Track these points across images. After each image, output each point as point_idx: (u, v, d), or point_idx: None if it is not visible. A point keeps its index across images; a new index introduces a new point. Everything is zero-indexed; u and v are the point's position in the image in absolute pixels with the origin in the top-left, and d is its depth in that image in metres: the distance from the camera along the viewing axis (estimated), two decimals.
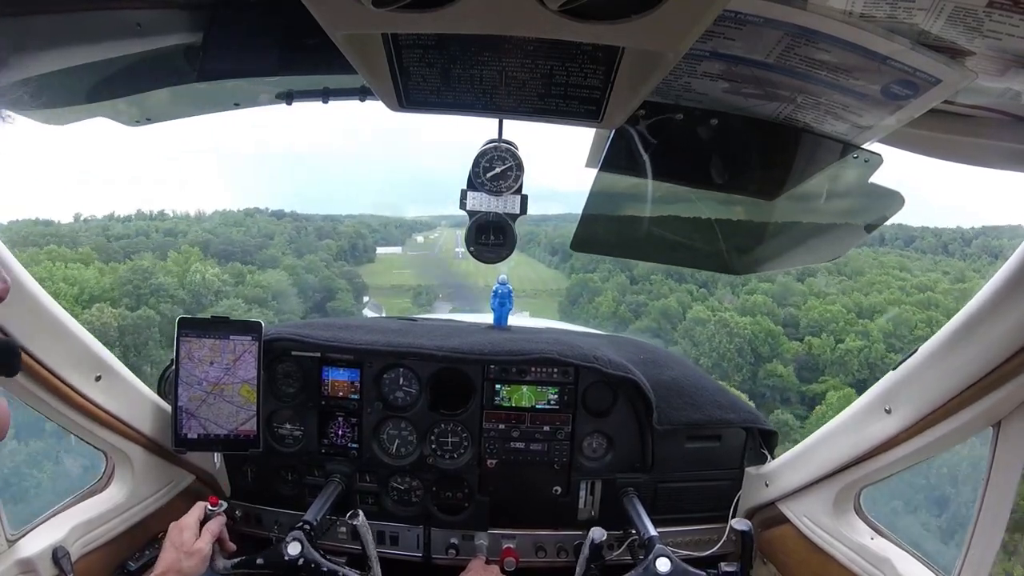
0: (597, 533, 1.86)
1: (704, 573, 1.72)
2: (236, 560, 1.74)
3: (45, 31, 1.02)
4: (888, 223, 1.40)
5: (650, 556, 1.71)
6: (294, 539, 1.71)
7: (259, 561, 1.72)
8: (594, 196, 1.45)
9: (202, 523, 1.71)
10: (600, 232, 1.61)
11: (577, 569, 1.91)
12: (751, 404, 2.49)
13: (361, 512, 1.86)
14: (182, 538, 1.62)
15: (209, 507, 1.74)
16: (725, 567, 1.79)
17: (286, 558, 1.69)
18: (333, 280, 53.50)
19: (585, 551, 1.87)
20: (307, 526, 1.77)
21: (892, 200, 1.37)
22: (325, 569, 1.70)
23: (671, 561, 1.69)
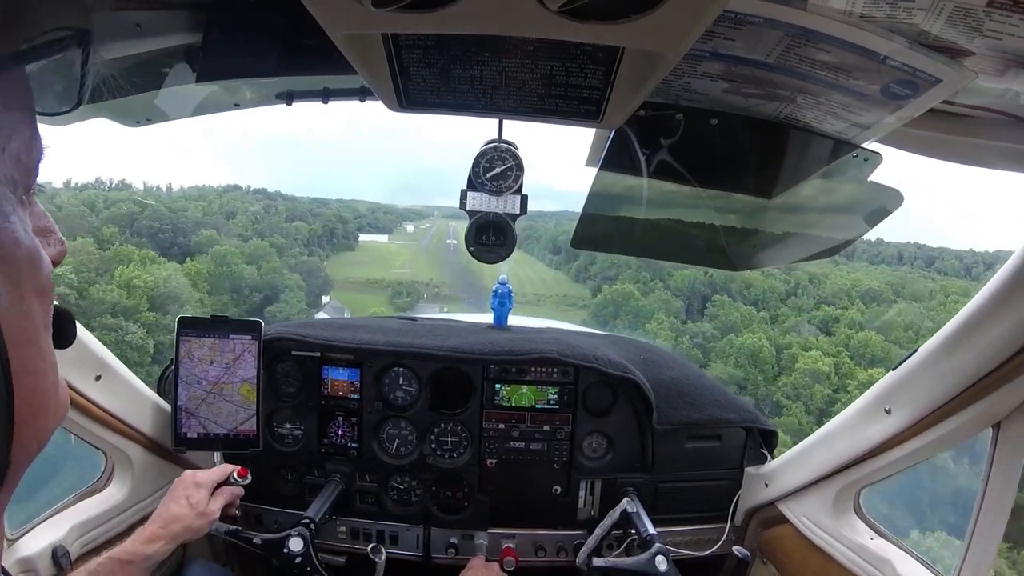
0: (629, 503, 1.95)
1: None
2: (233, 528, 1.72)
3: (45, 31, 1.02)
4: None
5: (649, 551, 1.72)
6: (298, 535, 1.71)
7: (256, 540, 1.70)
8: (594, 195, 1.45)
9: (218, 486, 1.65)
10: (600, 229, 1.61)
11: (598, 531, 1.99)
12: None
13: (384, 551, 1.83)
14: (198, 495, 1.55)
15: (236, 476, 1.68)
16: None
17: (285, 551, 1.68)
18: (280, 275, 43.80)
19: (615, 515, 1.95)
20: (312, 524, 1.78)
21: (891, 198, 1.38)
22: (324, 565, 1.70)
23: (668, 560, 1.70)
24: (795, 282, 44.99)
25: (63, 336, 0.56)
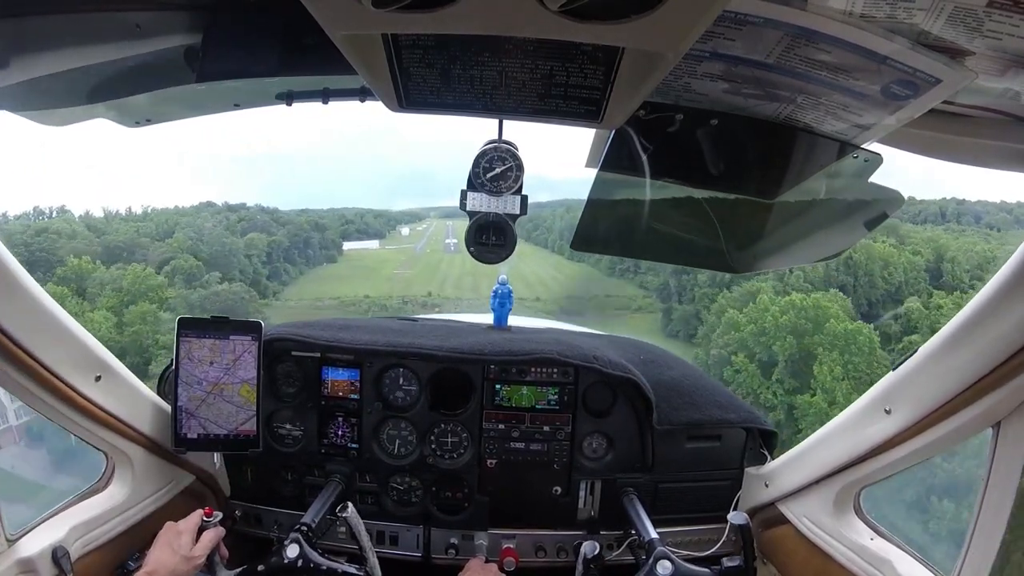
0: (589, 548, 1.83)
1: (707, 570, 1.71)
2: (239, 569, 1.74)
3: (45, 32, 1.03)
4: None
5: (651, 559, 1.71)
6: (292, 541, 1.71)
7: (260, 568, 1.71)
8: (594, 196, 1.45)
9: (199, 530, 1.70)
10: (601, 231, 1.61)
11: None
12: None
13: (351, 504, 1.84)
14: (180, 541, 1.62)
15: (204, 518, 1.72)
16: (728, 562, 1.79)
17: (285, 561, 1.68)
18: (140, 333, 29.82)
19: (579, 567, 1.84)
20: (305, 528, 1.77)
21: (891, 199, 1.38)
22: (324, 568, 1.70)
23: (672, 563, 1.69)
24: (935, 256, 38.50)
25: None
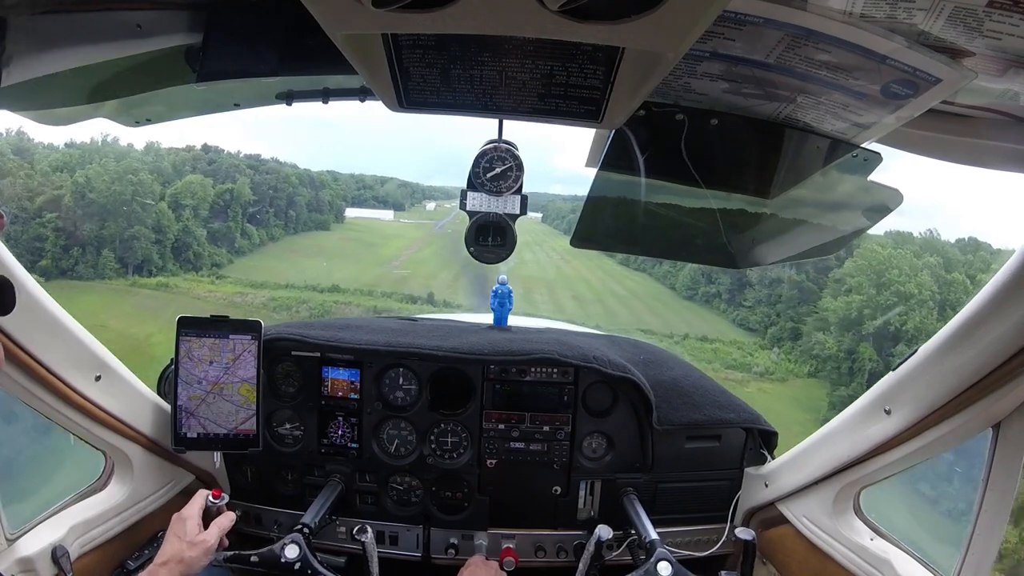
0: (604, 531, 1.84)
1: None
2: (230, 553, 1.72)
3: (45, 32, 1.03)
4: None
5: (651, 560, 1.71)
6: (292, 542, 1.71)
7: (253, 559, 1.70)
8: (595, 193, 1.45)
9: (204, 514, 1.68)
10: (601, 228, 1.61)
11: (580, 565, 1.90)
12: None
13: (369, 529, 1.82)
14: (185, 528, 1.60)
15: (211, 499, 1.70)
16: (725, 575, 1.80)
17: (283, 560, 1.68)
18: None
19: (590, 547, 1.85)
20: (305, 529, 1.77)
21: (890, 197, 1.38)
22: (322, 573, 1.70)
23: (672, 565, 1.69)
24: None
25: (3, 303, 0.55)
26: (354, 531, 1.85)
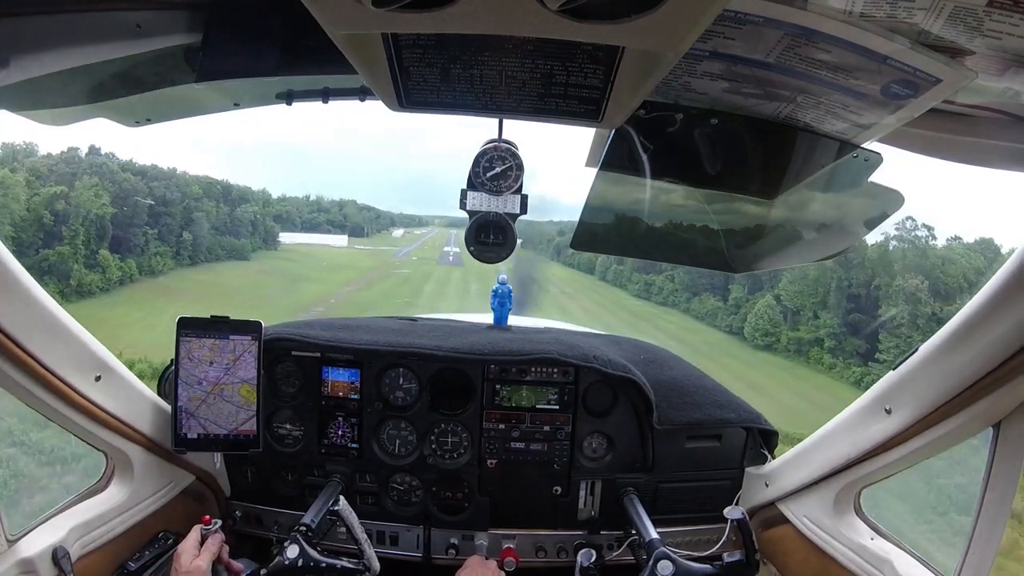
0: (584, 556, 1.84)
1: (709, 567, 1.71)
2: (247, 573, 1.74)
3: (45, 32, 1.02)
4: None
5: (652, 559, 1.71)
6: (292, 542, 1.71)
7: (263, 573, 1.71)
8: (594, 195, 1.45)
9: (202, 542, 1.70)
10: (600, 231, 1.61)
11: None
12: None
13: (342, 497, 1.84)
14: (180, 561, 1.63)
15: (203, 527, 1.71)
16: (728, 557, 1.78)
17: (286, 562, 1.68)
18: None
19: (577, 574, 1.84)
20: (305, 528, 1.77)
21: (891, 198, 1.38)
22: (324, 565, 1.70)
23: (673, 563, 1.69)
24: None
25: None
26: (329, 504, 1.86)
